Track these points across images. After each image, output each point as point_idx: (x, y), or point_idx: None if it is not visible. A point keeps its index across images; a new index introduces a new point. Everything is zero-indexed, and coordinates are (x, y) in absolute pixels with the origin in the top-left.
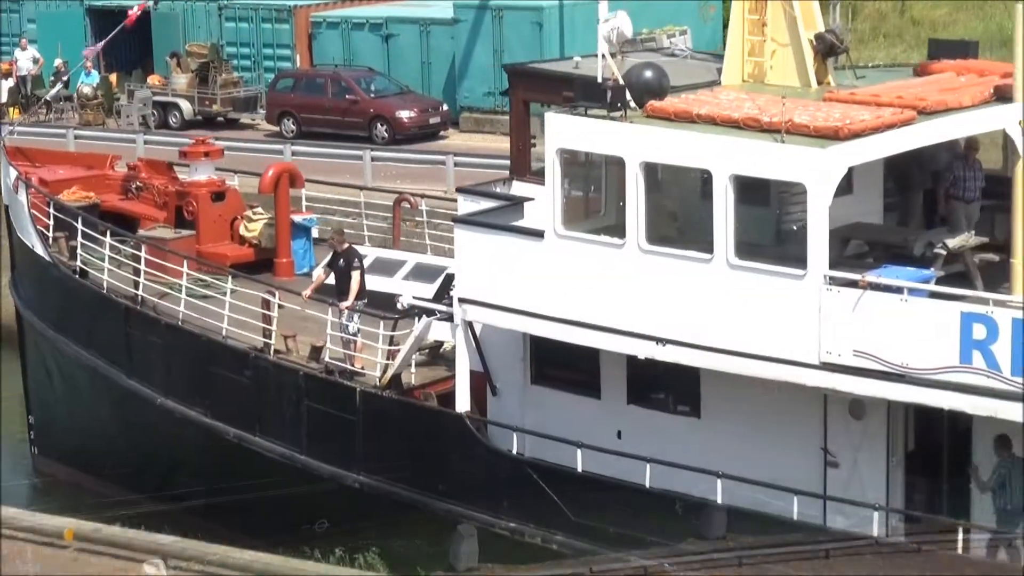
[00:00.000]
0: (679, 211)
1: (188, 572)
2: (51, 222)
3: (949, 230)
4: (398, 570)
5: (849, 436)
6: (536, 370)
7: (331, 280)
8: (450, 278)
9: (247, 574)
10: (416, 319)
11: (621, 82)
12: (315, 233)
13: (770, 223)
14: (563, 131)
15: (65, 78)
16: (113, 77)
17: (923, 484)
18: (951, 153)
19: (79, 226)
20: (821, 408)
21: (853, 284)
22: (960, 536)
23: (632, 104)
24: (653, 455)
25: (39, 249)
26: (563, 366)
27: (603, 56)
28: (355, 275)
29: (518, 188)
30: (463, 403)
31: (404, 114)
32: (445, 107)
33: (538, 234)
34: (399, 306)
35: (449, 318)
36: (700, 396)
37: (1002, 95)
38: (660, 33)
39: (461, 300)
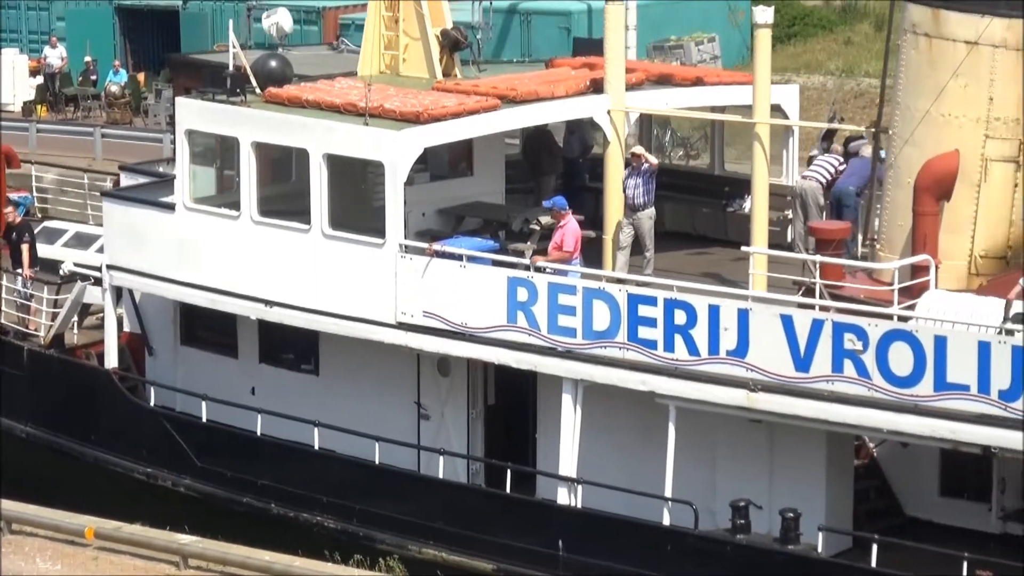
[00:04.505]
0: (290, 186)
1: (209, 572)
2: None
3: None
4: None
5: (438, 391)
6: (185, 332)
7: None
8: None
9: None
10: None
11: (249, 70)
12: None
13: (360, 197)
14: (190, 114)
15: None
16: (141, 76)
17: (500, 434)
18: (584, 144)
19: None
20: (415, 366)
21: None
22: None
23: (258, 90)
24: (281, 410)
25: None
26: (207, 328)
27: (233, 47)
28: (24, 248)
29: None
30: (111, 360)
31: None
32: None
33: (171, 207)
34: (61, 272)
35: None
36: (319, 356)
37: (597, 87)
38: (688, 40)
39: (109, 267)
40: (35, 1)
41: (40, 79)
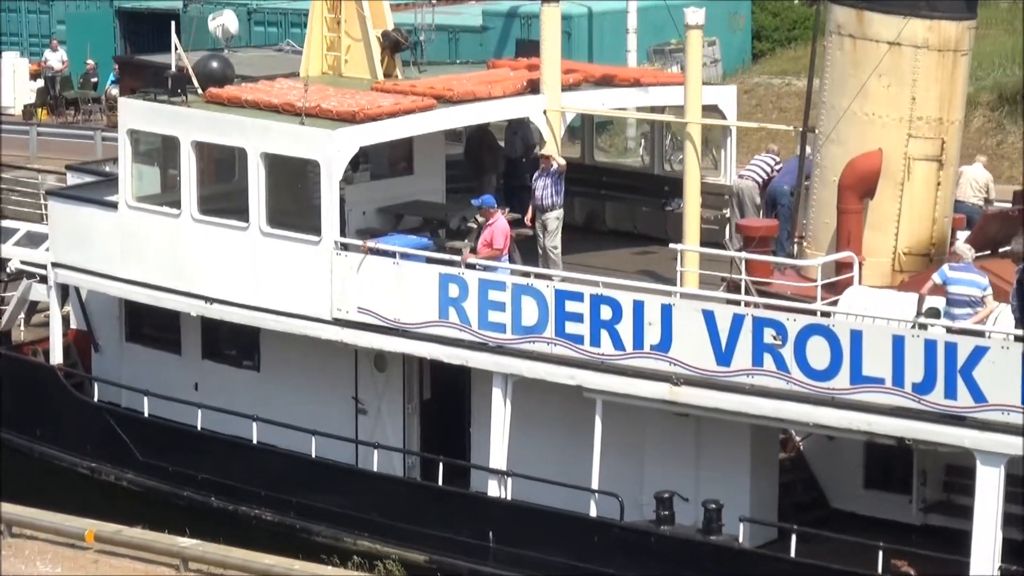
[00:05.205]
0: (234, 185)
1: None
2: None
3: None
4: None
5: (375, 386)
6: (130, 329)
7: None
8: None
9: None
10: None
11: (191, 71)
12: None
13: (299, 196)
14: (132, 113)
15: None
16: None
17: (436, 428)
18: (525, 144)
19: None
20: (353, 362)
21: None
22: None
23: (199, 90)
24: (224, 405)
25: None
26: (151, 325)
27: (176, 48)
28: None
29: None
30: (56, 357)
31: None
32: None
33: (113, 206)
34: (8, 270)
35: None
36: (260, 352)
37: (534, 87)
38: None
39: (54, 264)
40: (35, 4)
41: (40, 82)
